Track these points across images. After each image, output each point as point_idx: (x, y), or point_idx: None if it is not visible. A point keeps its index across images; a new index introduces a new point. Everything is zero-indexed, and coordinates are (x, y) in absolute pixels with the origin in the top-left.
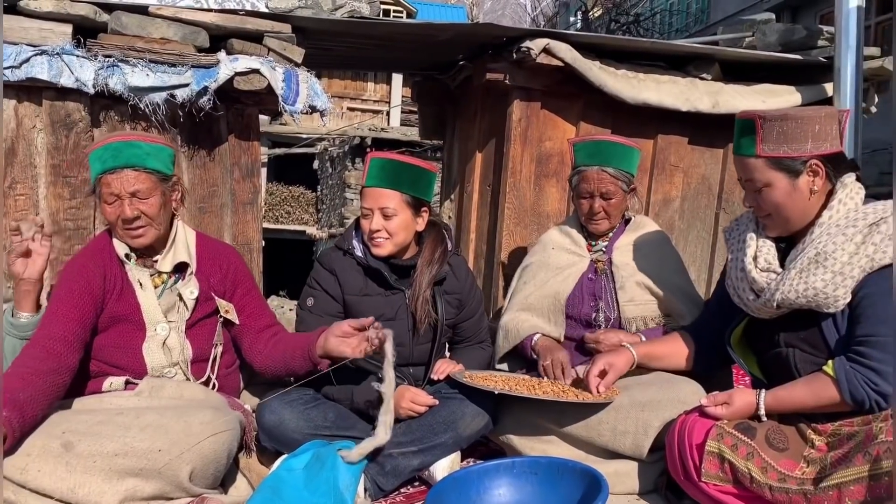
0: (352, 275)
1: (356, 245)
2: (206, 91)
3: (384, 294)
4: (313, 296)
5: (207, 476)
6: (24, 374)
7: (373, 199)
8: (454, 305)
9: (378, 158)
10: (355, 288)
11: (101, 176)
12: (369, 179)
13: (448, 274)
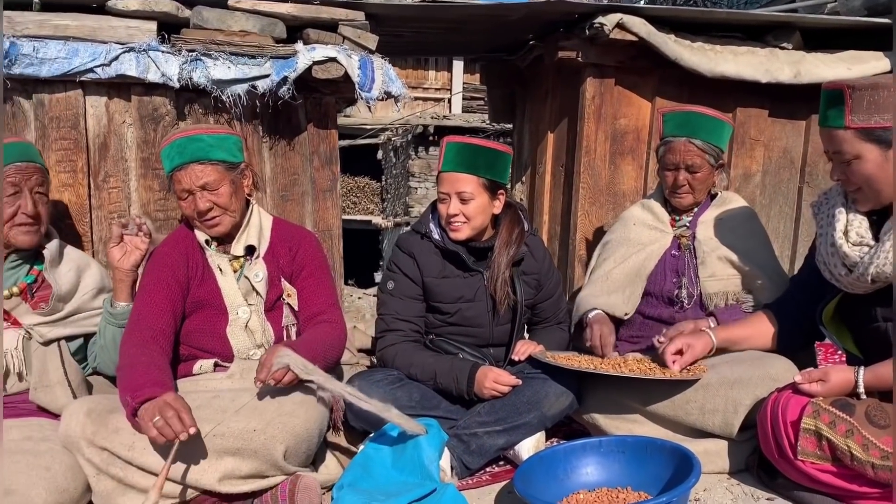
0: (430, 258)
1: (433, 228)
2: (285, 81)
3: (462, 276)
4: (393, 279)
5: (300, 454)
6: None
7: (449, 183)
8: (532, 286)
9: (454, 142)
10: (434, 271)
11: (171, 173)
12: (446, 164)
13: (526, 255)
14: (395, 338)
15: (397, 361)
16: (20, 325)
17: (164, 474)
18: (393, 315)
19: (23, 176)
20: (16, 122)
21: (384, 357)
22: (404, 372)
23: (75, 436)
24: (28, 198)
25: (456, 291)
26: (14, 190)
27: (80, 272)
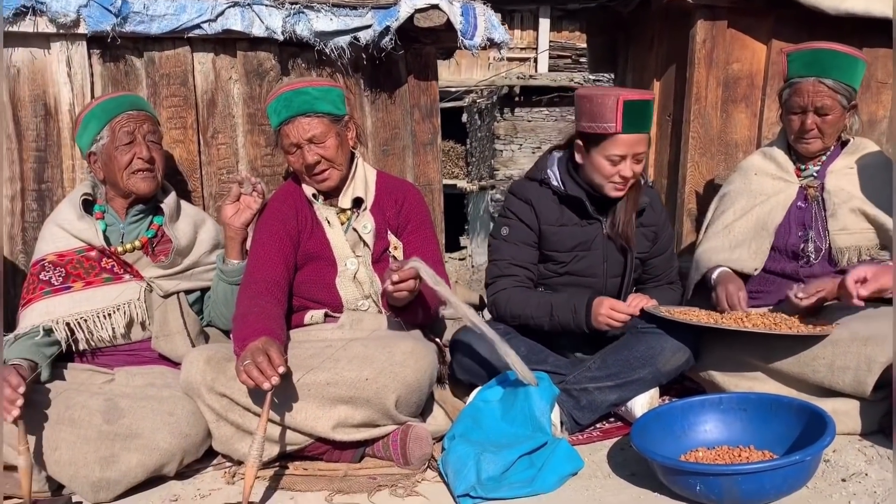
0: (547, 205)
1: (552, 175)
2: (387, 31)
3: (580, 224)
4: (508, 225)
5: (411, 404)
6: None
7: (629, 145)
8: (649, 238)
9: (637, 101)
10: (551, 218)
11: (279, 128)
12: (629, 126)
13: (647, 205)
14: (509, 282)
15: (511, 304)
16: (142, 278)
17: (265, 417)
18: (507, 261)
19: (135, 123)
20: (128, 80)
21: (497, 301)
22: (518, 313)
23: (196, 383)
24: (142, 144)
25: (572, 240)
26: (129, 139)
27: (196, 227)
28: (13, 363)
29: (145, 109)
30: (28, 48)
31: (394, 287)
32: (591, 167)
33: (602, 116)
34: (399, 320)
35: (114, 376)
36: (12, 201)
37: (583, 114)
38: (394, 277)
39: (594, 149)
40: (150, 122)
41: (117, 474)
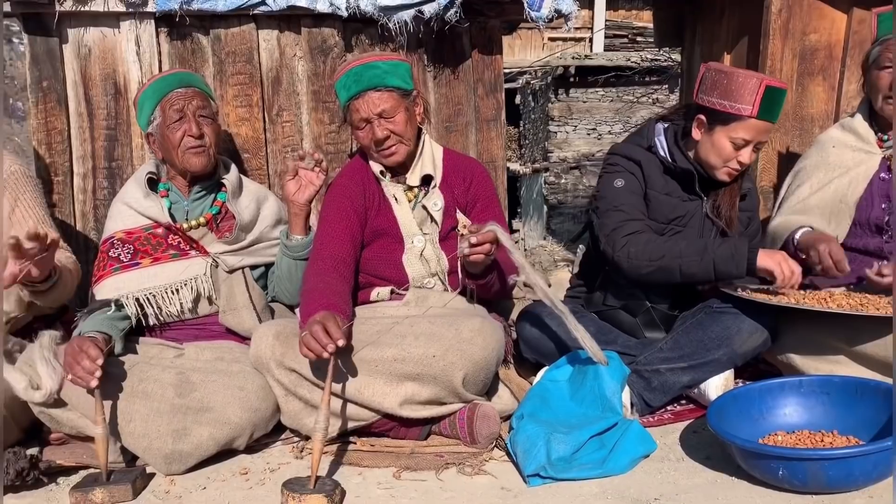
0: (654, 171)
1: (660, 145)
2: (452, 3)
3: (682, 198)
4: (622, 177)
5: (478, 382)
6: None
7: (758, 132)
8: (743, 223)
9: (778, 88)
10: (657, 184)
11: (348, 103)
12: (765, 113)
13: (749, 190)
14: (640, 225)
15: (652, 244)
16: (207, 254)
17: (328, 389)
18: (630, 205)
19: (184, 100)
20: (195, 58)
21: (634, 241)
22: (661, 253)
23: (265, 357)
24: (192, 120)
25: (672, 212)
26: (178, 116)
27: (259, 203)
28: (89, 335)
29: (195, 85)
30: (98, 27)
31: (471, 250)
32: (709, 145)
33: (739, 97)
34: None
35: (184, 351)
36: (84, 179)
37: (714, 89)
38: (472, 240)
39: (720, 128)
40: (199, 97)
41: (189, 447)
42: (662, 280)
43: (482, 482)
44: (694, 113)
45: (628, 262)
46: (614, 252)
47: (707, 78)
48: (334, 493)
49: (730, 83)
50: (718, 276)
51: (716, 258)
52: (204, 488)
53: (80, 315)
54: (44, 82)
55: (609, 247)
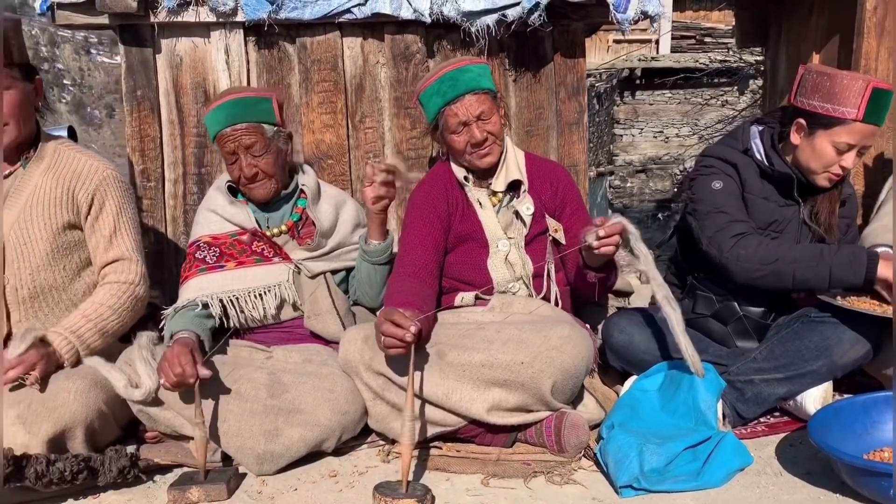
0: (750, 174)
1: (755, 148)
2: (536, 7)
3: (779, 203)
4: (720, 179)
5: (566, 391)
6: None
7: (863, 136)
8: (842, 230)
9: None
10: (755, 188)
11: (443, 108)
12: (872, 115)
13: (849, 196)
14: (747, 227)
15: (763, 247)
16: (290, 260)
17: (411, 387)
18: (733, 206)
19: (233, 142)
20: (282, 66)
21: (744, 244)
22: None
23: (354, 361)
24: (243, 161)
25: (769, 216)
26: (233, 159)
27: (338, 208)
28: (181, 335)
29: (242, 120)
30: (190, 38)
31: (599, 242)
32: (809, 150)
33: (844, 100)
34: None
35: (272, 353)
36: (174, 185)
37: (815, 92)
38: (600, 232)
39: (822, 132)
40: (248, 133)
41: (281, 448)
42: (773, 285)
43: (572, 492)
44: (792, 116)
45: (738, 264)
46: (721, 254)
47: (807, 80)
48: (425, 498)
49: (833, 85)
50: (834, 283)
51: (833, 265)
52: (295, 490)
53: (166, 313)
54: (138, 91)
55: (714, 248)
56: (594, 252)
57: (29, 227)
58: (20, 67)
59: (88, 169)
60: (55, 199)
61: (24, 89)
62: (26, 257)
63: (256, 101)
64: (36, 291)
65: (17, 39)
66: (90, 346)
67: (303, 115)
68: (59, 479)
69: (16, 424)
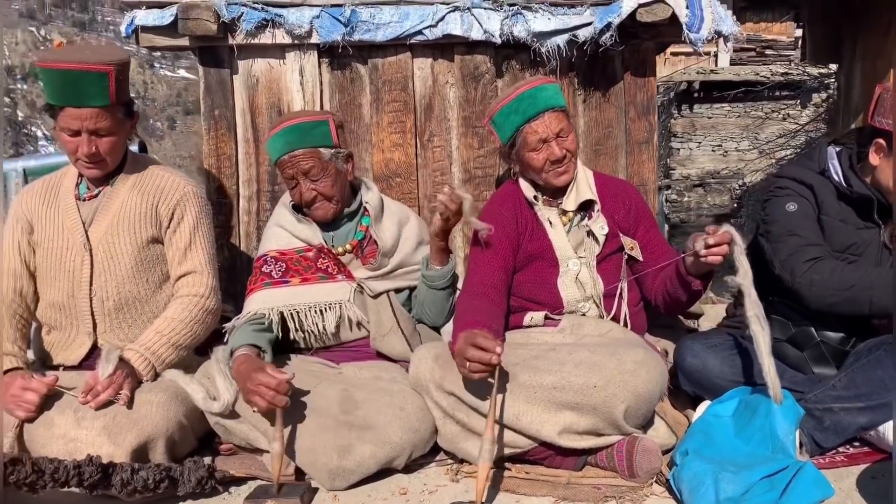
0: (827, 195)
1: (832, 169)
2: (608, 27)
3: (857, 226)
4: (794, 201)
5: (639, 416)
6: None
7: None
8: None
9: None
10: (832, 210)
11: (522, 126)
12: None
13: None
14: (822, 251)
15: (839, 271)
16: (353, 279)
17: (492, 415)
18: (808, 229)
19: (292, 168)
20: (353, 87)
21: (819, 269)
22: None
23: (425, 380)
24: (301, 185)
25: (847, 239)
26: (293, 183)
27: (400, 225)
28: (242, 351)
29: (299, 146)
30: (266, 59)
31: (707, 251)
32: (889, 171)
33: None
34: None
35: (342, 370)
36: (248, 201)
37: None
38: (709, 240)
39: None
40: (306, 158)
41: (352, 464)
42: (849, 311)
43: None
44: (870, 136)
45: (810, 289)
46: (794, 279)
47: (884, 100)
48: None
49: None
50: None
51: None
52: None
53: (228, 328)
54: (216, 111)
55: (787, 273)
56: (700, 261)
57: (116, 241)
58: (124, 105)
59: (170, 185)
60: (140, 214)
61: (124, 130)
62: (113, 270)
63: (312, 126)
64: (121, 303)
65: (125, 77)
66: (165, 360)
67: (373, 135)
68: (142, 488)
69: (102, 435)
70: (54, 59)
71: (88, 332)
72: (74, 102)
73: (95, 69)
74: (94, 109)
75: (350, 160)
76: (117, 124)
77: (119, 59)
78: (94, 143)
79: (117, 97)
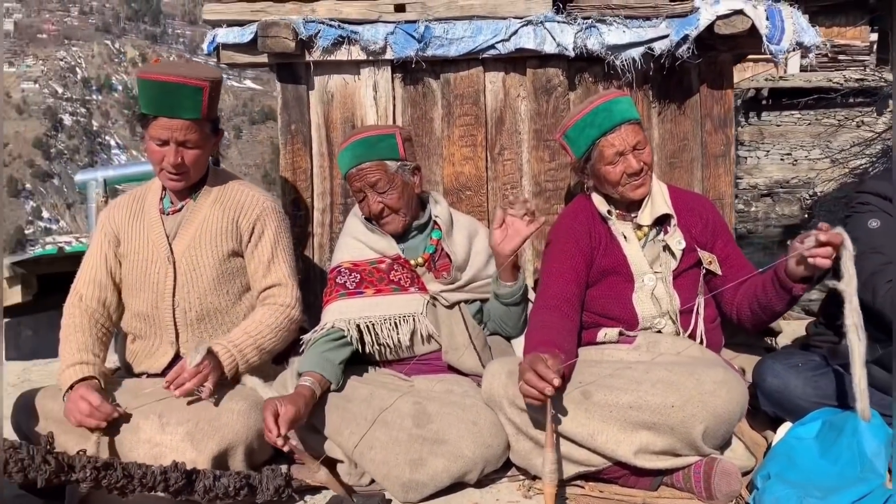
0: None
1: None
2: (685, 40)
3: None
4: (877, 217)
5: (717, 437)
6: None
7: None
8: None
9: None
10: None
11: (598, 140)
12: None
13: None
14: None
15: None
16: (426, 291)
17: (550, 434)
18: (890, 248)
19: (359, 182)
20: (426, 101)
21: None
22: None
23: (498, 396)
24: (369, 198)
25: None
26: (360, 196)
27: (471, 238)
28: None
29: (366, 159)
30: (341, 75)
31: (814, 251)
32: None
33: None
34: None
35: (413, 382)
36: (322, 214)
37: None
38: (821, 237)
39: None
40: (374, 170)
41: (425, 477)
42: None
43: None
44: None
45: (893, 310)
46: (876, 299)
47: None
48: None
49: None
50: None
51: None
52: None
53: (306, 339)
54: (292, 125)
55: (868, 293)
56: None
57: (198, 254)
58: (211, 122)
59: (250, 200)
60: (221, 229)
61: (209, 145)
62: (195, 282)
63: (379, 139)
64: (203, 314)
65: (217, 94)
66: (248, 359)
67: (444, 148)
68: (223, 494)
69: (185, 441)
70: (154, 71)
71: (171, 341)
72: (168, 113)
73: (192, 83)
74: (185, 121)
75: (417, 173)
76: (204, 139)
77: (213, 76)
78: (181, 154)
79: (208, 112)
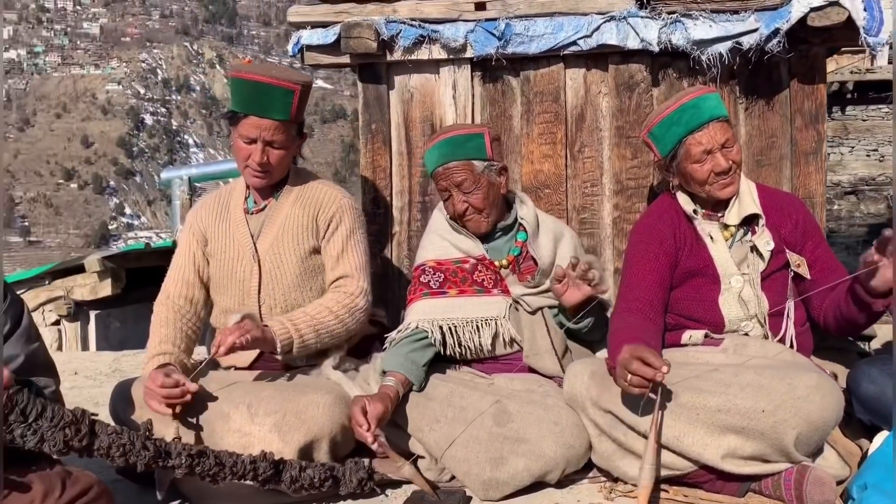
0: None
1: None
2: (776, 33)
3: None
4: None
5: (810, 444)
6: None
7: None
8: None
9: None
10: None
11: (685, 138)
12: None
13: None
14: None
15: None
16: (509, 294)
17: (653, 436)
18: None
19: (446, 181)
20: (504, 99)
21: None
22: None
23: (580, 396)
24: (454, 197)
25: None
26: (446, 195)
27: (556, 241)
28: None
29: (453, 158)
30: (421, 74)
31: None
32: None
33: None
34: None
35: (493, 381)
36: (401, 212)
37: None
38: None
39: None
40: (459, 170)
41: (506, 476)
42: None
43: None
44: None
45: None
46: None
47: None
48: None
49: None
50: None
51: None
52: None
53: (390, 339)
54: (373, 125)
55: None
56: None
57: (282, 252)
58: (298, 124)
59: (329, 198)
60: (302, 226)
61: (293, 147)
62: (279, 279)
63: (467, 139)
64: (287, 310)
65: (306, 98)
66: (304, 338)
67: (523, 146)
68: (308, 485)
69: (273, 432)
70: (248, 71)
71: None
72: (258, 112)
73: (284, 85)
74: (274, 122)
75: (504, 173)
76: (289, 140)
77: (304, 80)
78: (267, 154)
79: (296, 115)
